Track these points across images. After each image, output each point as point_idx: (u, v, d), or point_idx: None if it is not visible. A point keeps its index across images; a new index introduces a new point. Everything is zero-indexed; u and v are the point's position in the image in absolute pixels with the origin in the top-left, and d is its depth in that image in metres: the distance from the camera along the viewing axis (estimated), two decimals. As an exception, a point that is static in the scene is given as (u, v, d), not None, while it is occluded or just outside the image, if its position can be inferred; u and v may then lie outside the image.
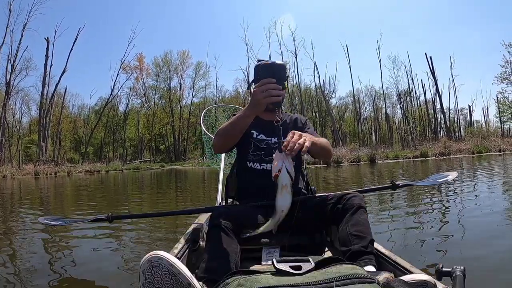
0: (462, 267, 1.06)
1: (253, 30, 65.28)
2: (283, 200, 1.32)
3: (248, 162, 1.81)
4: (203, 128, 3.61)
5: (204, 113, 3.94)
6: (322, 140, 1.72)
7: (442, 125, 36.90)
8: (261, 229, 1.40)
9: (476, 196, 5.01)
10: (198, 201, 6.93)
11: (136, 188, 11.10)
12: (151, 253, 0.97)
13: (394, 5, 59.11)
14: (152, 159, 41.53)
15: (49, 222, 2.28)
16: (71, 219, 2.35)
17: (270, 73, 1.70)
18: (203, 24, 66.17)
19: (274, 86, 1.36)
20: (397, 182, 2.13)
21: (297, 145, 1.33)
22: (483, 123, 40.97)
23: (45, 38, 31.23)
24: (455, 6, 58.25)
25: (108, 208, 5.79)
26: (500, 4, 53.76)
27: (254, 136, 1.83)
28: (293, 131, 1.42)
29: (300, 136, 1.38)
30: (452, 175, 2.27)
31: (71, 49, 32.92)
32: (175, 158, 41.55)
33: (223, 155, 3.19)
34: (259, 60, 1.86)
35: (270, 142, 1.82)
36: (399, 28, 60.18)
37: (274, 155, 1.34)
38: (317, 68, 38.79)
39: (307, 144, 1.37)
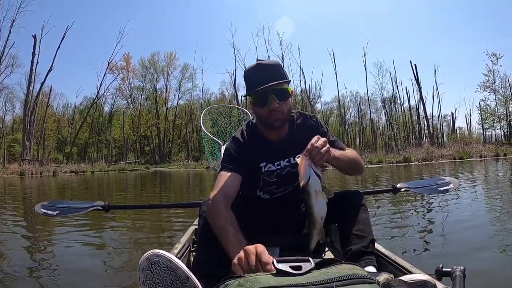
0: (462, 267, 1.06)
1: (241, 34, 65.64)
2: (320, 205, 1.22)
3: (257, 192, 1.60)
4: (203, 128, 3.57)
5: (204, 113, 3.92)
6: (349, 154, 1.53)
7: (426, 131, 37.60)
8: (311, 246, 1.29)
9: (473, 197, 5.15)
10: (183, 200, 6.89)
11: (126, 189, 10.94)
12: (149, 251, 0.98)
13: (381, 13, 59.97)
14: (137, 160, 41.01)
15: (46, 211, 2.21)
16: (69, 207, 2.26)
17: (261, 75, 1.47)
18: (192, 26, 66.10)
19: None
20: (397, 186, 2.14)
21: (318, 154, 1.22)
22: (466, 130, 41.84)
23: (32, 35, 30.87)
24: (441, 17, 59.35)
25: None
26: (484, 16, 55.28)
27: (263, 170, 1.58)
28: (317, 136, 1.29)
29: (325, 143, 1.26)
30: (454, 184, 2.22)
31: (58, 47, 32.65)
32: (160, 160, 41.17)
33: (223, 155, 3.17)
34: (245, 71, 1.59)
35: (280, 171, 1.58)
36: (385, 36, 61.16)
37: (298, 160, 1.24)
38: (303, 73, 39.03)
39: (327, 156, 1.26)
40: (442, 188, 2.20)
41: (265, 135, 1.60)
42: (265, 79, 1.46)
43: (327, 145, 1.27)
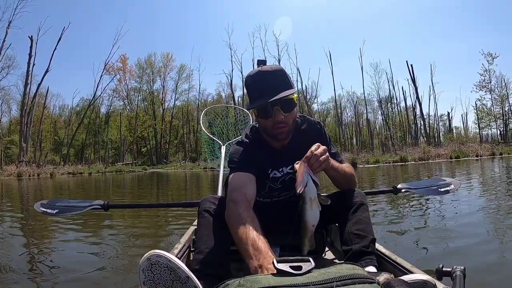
0: (462, 267, 1.06)
1: (237, 35, 65.74)
2: (314, 214, 1.24)
3: (257, 197, 1.50)
4: (203, 128, 3.57)
5: (202, 115, 3.93)
6: (346, 168, 1.56)
7: (422, 131, 37.75)
8: (304, 253, 1.30)
9: (472, 196, 5.18)
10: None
11: (124, 187, 10.90)
12: (150, 252, 0.99)
13: (378, 13, 60.03)
14: (134, 161, 40.89)
15: (45, 210, 2.21)
16: (68, 206, 2.25)
17: (265, 85, 1.39)
18: (188, 27, 66.00)
19: None
20: (398, 187, 2.14)
21: (317, 162, 1.26)
22: (462, 129, 42.02)
23: (29, 37, 30.78)
24: (437, 17, 59.52)
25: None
26: (479, 16, 55.58)
27: (271, 176, 1.58)
28: (317, 143, 1.32)
29: (324, 152, 1.29)
30: (454, 185, 2.21)
31: (55, 48, 32.55)
32: (157, 161, 41.11)
33: (223, 155, 3.18)
34: (246, 78, 1.51)
35: (284, 178, 1.58)
36: (382, 36, 61.24)
37: (296, 166, 1.25)
38: (299, 73, 39.10)
39: (325, 164, 1.29)
40: (443, 189, 2.19)
41: (268, 141, 1.57)
42: (270, 89, 1.39)
43: (327, 154, 1.30)
